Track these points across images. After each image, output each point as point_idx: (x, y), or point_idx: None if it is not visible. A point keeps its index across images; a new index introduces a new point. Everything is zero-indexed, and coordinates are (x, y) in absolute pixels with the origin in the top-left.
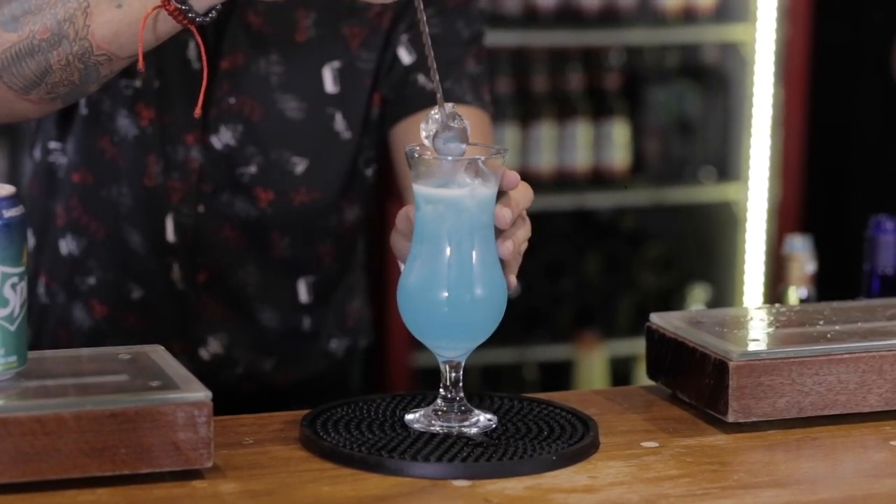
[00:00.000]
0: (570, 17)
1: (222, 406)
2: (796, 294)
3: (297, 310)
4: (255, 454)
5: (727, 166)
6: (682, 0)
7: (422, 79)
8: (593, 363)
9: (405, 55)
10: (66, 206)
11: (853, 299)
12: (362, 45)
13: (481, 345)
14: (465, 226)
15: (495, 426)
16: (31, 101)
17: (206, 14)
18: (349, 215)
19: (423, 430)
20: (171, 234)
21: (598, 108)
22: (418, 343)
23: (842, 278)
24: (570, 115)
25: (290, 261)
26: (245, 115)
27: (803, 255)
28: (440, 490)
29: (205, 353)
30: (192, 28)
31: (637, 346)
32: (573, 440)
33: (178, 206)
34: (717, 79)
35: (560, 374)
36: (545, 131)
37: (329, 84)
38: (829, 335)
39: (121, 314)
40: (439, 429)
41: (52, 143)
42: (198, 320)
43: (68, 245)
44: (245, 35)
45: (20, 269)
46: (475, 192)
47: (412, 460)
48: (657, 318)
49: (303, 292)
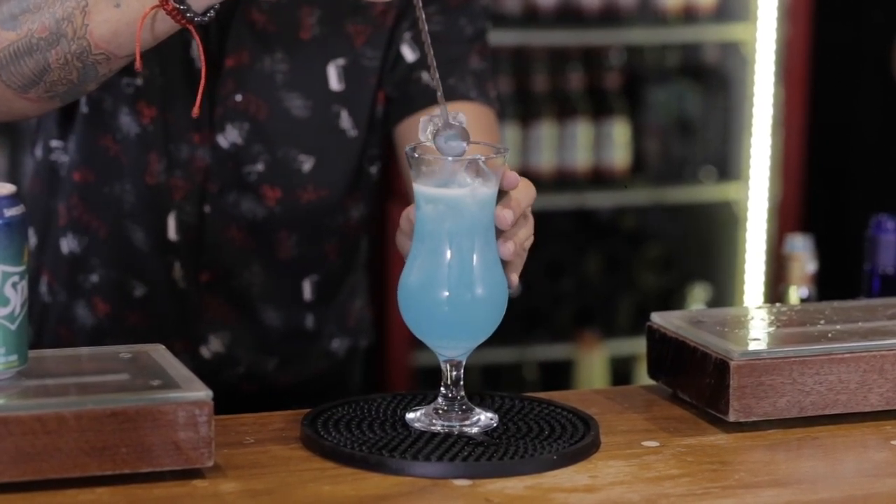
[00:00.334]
0: (570, 16)
1: (223, 405)
2: (797, 294)
3: (300, 309)
4: (255, 453)
5: (727, 166)
6: (683, 0)
7: (425, 76)
8: (593, 363)
9: (408, 53)
10: (67, 204)
11: (854, 299)
12: (367, 43)
13: (482, 344)
14: (465, 225)
15: (496, 425)
16: (30, 100)
17: (204, 14)
18: (354, 214)
19: (423, 429)
20: (172, 233)
21: (599, 107)
22: (419, 342)
23: (842, 278)
24: (570, 115)
25: (295, 260)
26: (251, 114)
27: (804, 255)
28: (441, 489)
29: (206, 352)
30: (190, 28)
31: (637, 346)
32: (574, 440)
33: (180, 204)
34: (717, 79)
35: (560, 374)
36: (545, 131)
37: (334, 82)
38: (829, 335)
39: (123, 312)
40: (440, 428)
41: (54, 142)
42: (199, 319)
43: (69, 244)
44: (249, 33)
45: (21, 268)
46: (476, 192)
47: (413, 460)
48: (658, 318)
49: (307, 291)
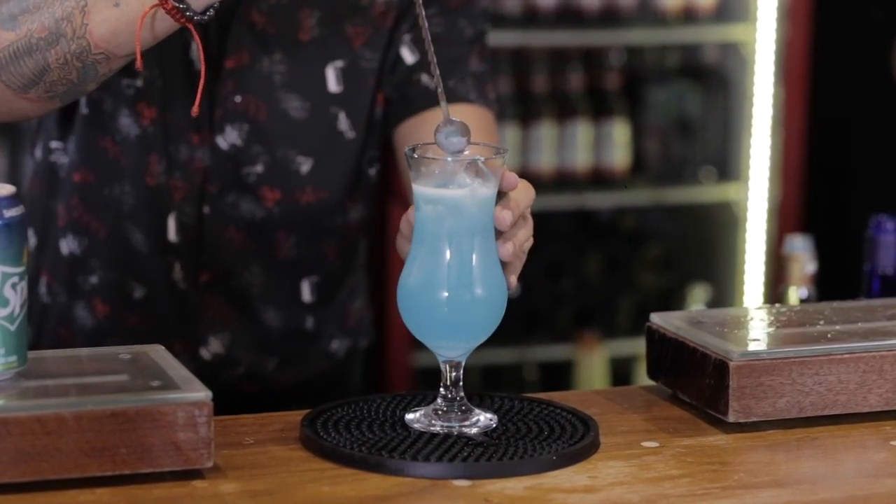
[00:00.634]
0: (570, 17)
1: (222, 406)
2: (796, 294)
3: (300, 310)
4: (255, 454)
5: (727, 166)
6: (683, 0)
7: (425, 78)
8: (593, 363)
9: (408, 55)
10: (67, 205)
11: (853, 299)
12: (366, 45)
13: (481, 345)
14: (464, 226)
15: (495, 426)
16: (30, 100)
17: (203, 13)
18: (354, 215)
19: (423, 429)
20: (172, 234)
21: (598, 108)
22: (418, 343)
23: (842, 278)
24: (570, 115)
25: (295, 261)
26: (251, 115)
27: (803, 255)
28: (440, 490)
29: (206, 353)
30: (190, 27)
31: (637, 346)
32: (573, 440)
33: (180, 205)
34: (717, 79)
35: (560, 374)
36: (545, 131)
37: (332, 83)
38: (829, 335)
39: (122, 313)
40: (440, 429)
41: (54, 143)
42: (199, 320)
43: (69, 245)
44: (249, 34)
45: (20, 269)
46: (475, 193)
47: (412, 460)
48: (658, 318)
49: (306, 292)
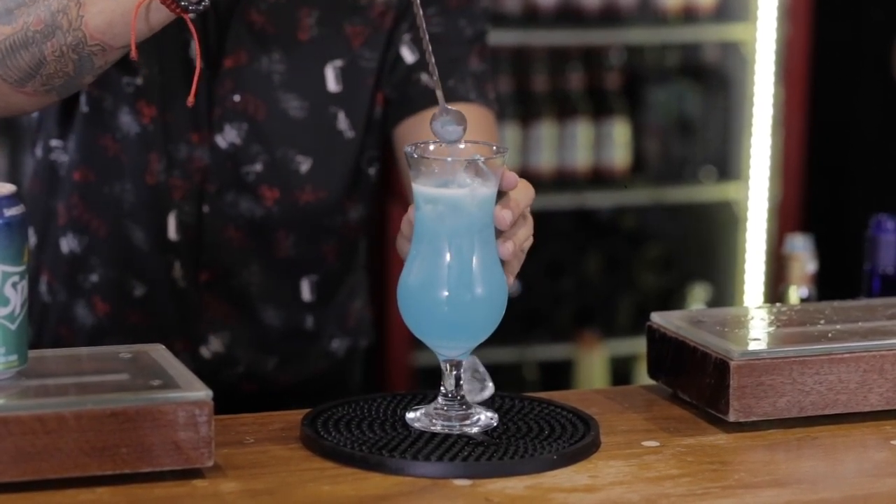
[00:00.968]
0: (570, 16)
1: (223, 405)
2: (797, 293)
3: (299, 309)
4: (255, 453)
5: (727, 166)
6: (682, 0)
7: (425, 78)
8: (593, 363)
9: (408, 54)
10: (67, 204)
11: (854, 299)
12: (365, 45)
13: (481, 344)
14: (464, 225)
15: (496, 425)
16: (27, 94)
17: (198, 3)
18: (353, 215)
19: (423, 429)
20: (172, 233)
21: (599, 107)
22: (419, 342)
23: (842, 278)
24: (570, 115)
25: (294, 260)
26: (250, 114)
27: (804, 255)
28: (441, 489)
29: (206, 352)
30: (185, 17)
31: (637, 346)
32: (574, 439)
33: (180, 204)
34: (717, 79)
35: (560, 374)
36: (545, 131)
37: (331, 83)
38: (829, 335)
39: (123, 311)
40: (440, 428)
41: (54, 141)
42: (199, 319)
43: (69, 243)
44: (248, 33)
45: (21, 268)
46: (475, 192)
47: (413, 459)
48: (658, 318)
49: (306, 291)
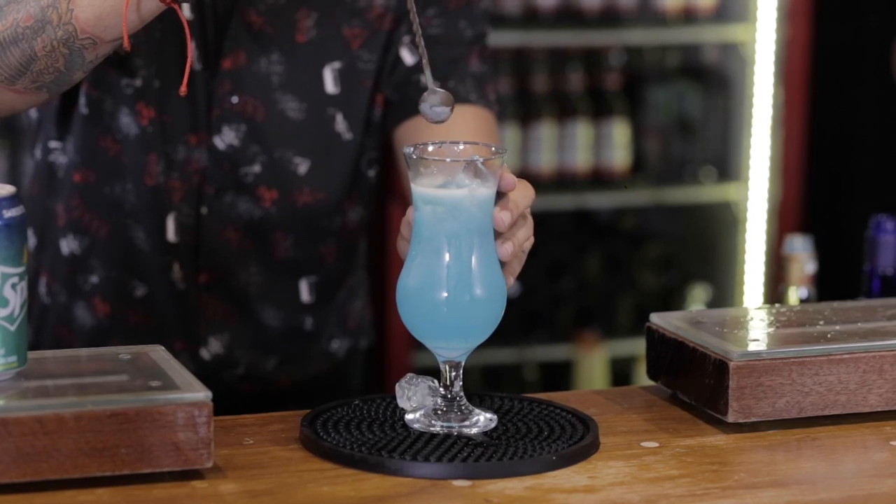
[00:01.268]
0: (570, 17)
1: (222, 406)
2: (796, 294)
3: (299, 310)
4: (255, 454)
5: (727, 166)
6: (682, 0)
7: (424, 79)
8: (593, 363)
9: (408, 56)
10: (67, 205)
11: (853, 299)
12: (363, 46)
13: (481, 345)
14: (463, 226)
15: (495, 426)
16: (17, 92)
17: None
18: (352, 216)
19: (423, 430)
20: (171, 234)
21: (598, 108)
22: (418, 343)
23: (842, 278)
24: (570, 115)
25: (292, 261)
26: (248, 115)
27: (803, 255)
28: (440, 490)
29: (206, 353)
30: (175, 7)
31: (637, 346)
32: (573, 440)
33: (178, 205)
34: (717, 79)
35: (560, 374)
36: (545, 131)
37: (329, 85)
38: (829, 335)
39: (123, 312)
40: (439, 429)
41: (53, 143)
42: (199, 320)
43: (69, 245)
44: (246, 34)
45: (20, 269)
46: (474, 193)
47: (412, 460)
48: (657, 318)
49: (305, 292)
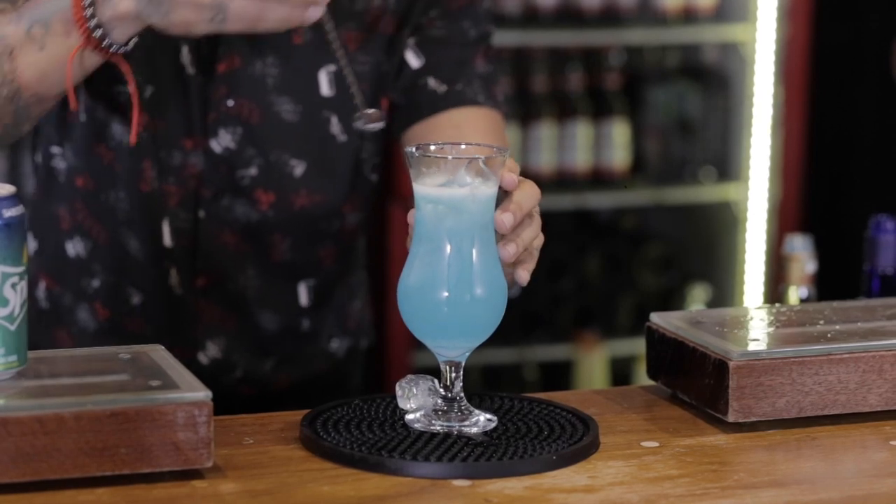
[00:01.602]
0: (570, 16)
1: (221, 409)
2: (796, 294)
3: (296, 313)
4: (255, 454)
5: (727, 166)
6: (682, 0)
7: (432, 82)
8: (593, 363)
9: (413, 59)
10: (72, 209)
11: (853, 299)
12: (359, 49)
13: (481, 345)
14: (465, 225)
15: (495, 426)
16: None
17: (126, 43)
18: (351, 219)
19: (423, 429)
20: (168, 240)
21: (598, 108)
22: (418, 343)
23: (842, 278)
24: (570, 115)
25: (290, 264)
26: (244, 118)
27: (803, 255)
28: (440, 490)
29: (203, 358)
30: (117, 60)
31: (637, 346)
32: (573, 440)
33: (174, 211)
34: (717, 79)
35: (560, 374)
36: (545, 131)
37: (325, 87)
38: (829, 335)
39: (121, 318)
40: (439, 428)
41: (53, 148)
42: (196, 325)
43: (75, 247)
44: (241, 38)
45: (20, 269)
46: (476, 192)
47: (412, 460)
48: (657, 318)
49: (303, 295)
